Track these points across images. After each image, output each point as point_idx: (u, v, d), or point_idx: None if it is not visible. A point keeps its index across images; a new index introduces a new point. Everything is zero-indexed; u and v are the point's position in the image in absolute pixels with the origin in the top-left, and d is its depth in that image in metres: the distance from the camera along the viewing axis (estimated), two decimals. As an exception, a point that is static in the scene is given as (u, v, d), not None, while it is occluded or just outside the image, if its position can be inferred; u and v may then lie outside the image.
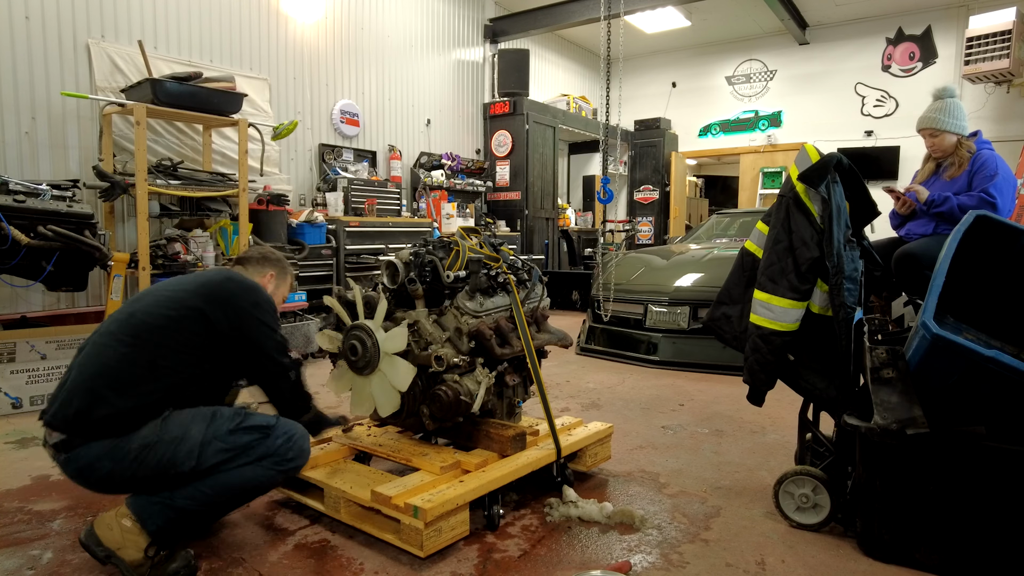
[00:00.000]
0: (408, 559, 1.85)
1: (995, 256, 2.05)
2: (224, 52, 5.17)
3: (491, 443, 2.17)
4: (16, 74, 4.02)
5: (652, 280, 4.85)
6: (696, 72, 9.87)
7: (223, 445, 1.70)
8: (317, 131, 6.00)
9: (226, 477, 1.71)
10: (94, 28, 4.37)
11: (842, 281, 1.98)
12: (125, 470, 1.62)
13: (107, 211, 4.27)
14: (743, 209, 8.10)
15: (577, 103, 8.81)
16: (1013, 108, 7.54)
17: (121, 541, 1.65)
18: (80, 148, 4.30)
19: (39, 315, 3.95)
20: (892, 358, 1.83)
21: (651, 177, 9.76)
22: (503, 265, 2.27)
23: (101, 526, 1.68)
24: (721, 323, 2.28)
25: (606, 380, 4.12)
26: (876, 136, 8.44)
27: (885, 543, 1.84)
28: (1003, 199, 3.14)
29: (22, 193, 3.16)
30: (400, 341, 2.06)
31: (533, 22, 7.87)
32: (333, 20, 6.09)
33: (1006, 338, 2.08)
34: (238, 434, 1.73)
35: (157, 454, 1.63)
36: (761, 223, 2.23)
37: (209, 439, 1.68)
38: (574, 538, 2.00)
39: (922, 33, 8.11)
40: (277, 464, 1.78)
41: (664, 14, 7.79)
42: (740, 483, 2.44)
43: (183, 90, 4.08)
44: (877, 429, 1.76)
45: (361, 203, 5.71)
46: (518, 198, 7.74)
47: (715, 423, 3.20)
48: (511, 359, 2.22)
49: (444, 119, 7.52)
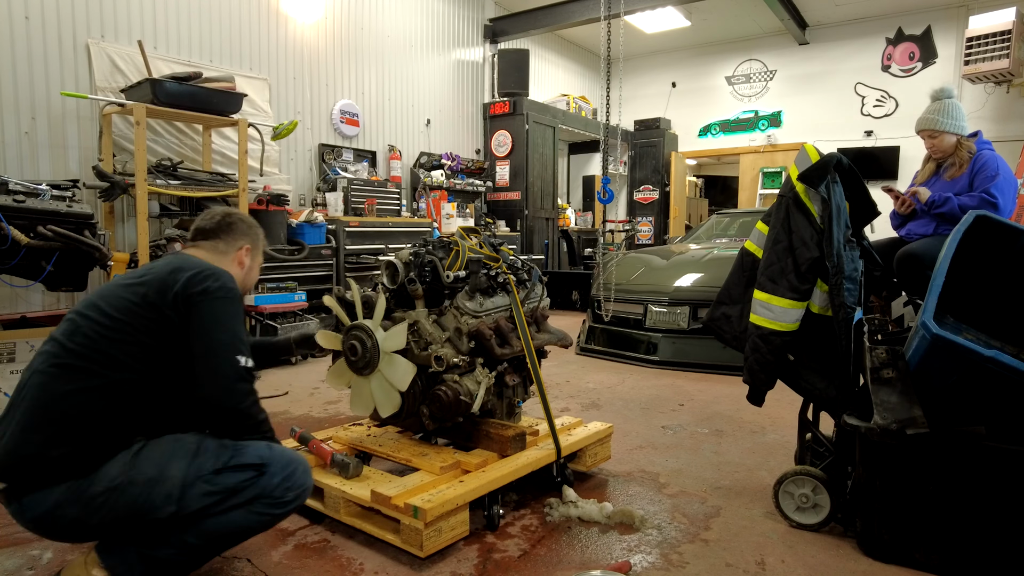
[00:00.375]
0: (408, 559, 1.85)
1: (995, 256, 2.05)
2: (224, 52, 5.17)
3: (491, 443, 2.17)
4: (16, 74, 4.02)
5: (652, 280, 4.85)
6: (696, 72, 9.87)
7: (209, 488, 1.44)
8: (317, 131, 6.01)
9: (214, 523, 1.47)
10: (94, 28, 4.37)
11: (842, 281, 1.98)
12: (91, 516, 1.38)
13: (107, 211, 4.28)
14: (743, 209, 8.11)
15: (577, 103, 8.81)
16: (1013, 108, 7.54)
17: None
18: (80, 148, 4.30)
19: (39, 315, 3.94)
20: (892, 358, 1.83)
21: (651, 177, 9.76)
22: (503, 265, 2.27)
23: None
24: (721, 323, 2.28)
25: (606, 380, 4.12)
26: (876, 136, 8.44)
27: (885, 543, 1.84)
28: (1004, 199, 3.15)
29: (22, 193, 3.16)
30: (399, 339, 2.05)
31: (533, 22, 7.87)
32: (333, 20, 6.10)
33: (1006, 338, 2.08)
34: (226, 474, 1.46)
35: (128, 497, 1.38)
36: (761, 223, 2.23)
37: (192, 480, 1.43)
38: (574, 538, 2.00)
39: (922, 33, 8.12)
40: (273, 507, 1.52)
41: (664, 14, 7.79)
42: (740, 483, 2.44)
43: (183, 90, 4.09)
44: (877, 429, 1.76)
45: (361, 203, 5.71)
46: (518, 198, 7.74)
47: (715, 423, 3.20)
48: (511, 359, 2.22)
49: (444, 119, 7.52)
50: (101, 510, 1.38)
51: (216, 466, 1.47)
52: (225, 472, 1.47)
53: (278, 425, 2.96)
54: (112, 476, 1.39)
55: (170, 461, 1.44)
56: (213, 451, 1.49)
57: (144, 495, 1.39)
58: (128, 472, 1.40)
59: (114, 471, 1.39)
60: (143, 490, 1.39)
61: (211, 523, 1.47)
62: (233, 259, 1.77)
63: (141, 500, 1.39)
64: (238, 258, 1.79)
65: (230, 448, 1.51)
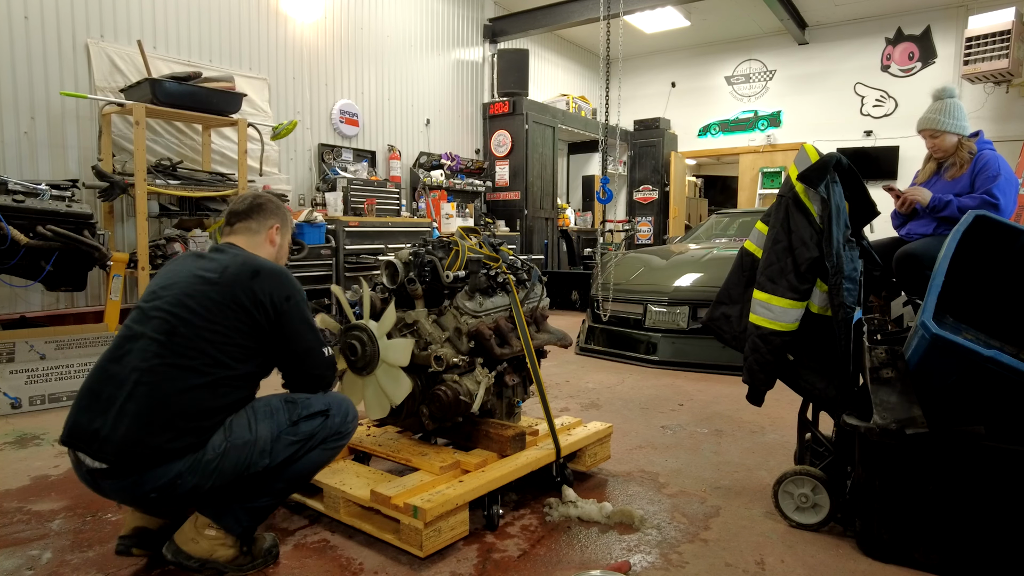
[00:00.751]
0: (408, 559, 1.85)
1: (994, 256, 2.05)
2: (223, 52, 5.17)
3: (490, 443, 2.17)
4: (15, 74, 4.02)
5: (651, 280, 4.85)
6: (695, 72, 9.88)
7: (292, 438, 1.71)
8: (316, 131, 6.01)
9: (298, 467, 1.74)
10: (93, 28, 4.37)
11: (841, 281, 1.98)
12: (206, 481, 1.61)
13: (106, 211, 4.28)
14: (742, 209, 8.11)
15: (576, 103, 8.81)
16: (1012, 108, 7.54)
17: (210, 549, 1.69)
18: (79, 148, 4.30)
19: (38, 315, 3.95)
20: (891, 358, 1.83)
21: (650, 177, 9.76)
22: (502, 265, 2.28)
23: (185, 541, 1.69)
24: (720, 323, 2.28)
25: (605, 380, 4.12)
26: (875, 136, 8.45)
27: (884, 543, 1.84)
28: (1006, 199, 3.15)
29: (21, 193, 3.16)
30: (403, 355, 2.04)
31: (533, 22, 7.87)
32: (332, 20, 6.10)
33: (1005, 338, 2.08)
34: (302, 424, 1.74)
35: (232, 459, 1.62)
36: (760, 223, 2.23)
37: (277, 434, 1.69)
38: (573, 538, 2.00)
39: (921, 33, 8.12)
40: (338, 440, 1.82)
41: (663, 14, 7.79)
42: (739, 483, 2.44)
43: (182, 90, 4.09)
44: (876, 429, 1.76)
45: (360, 203, 5.71)
46: (517, 198, 7.74)
47: (714, 423, 3.20)
48: (510, 359, 2.22)
49: (443, 119, 7.52)
50: (213, 475, 1.60)
51: (293, 418, 1.73)
52: (301, 422, 1.73)
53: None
54: (217, 445, 1.61)
55: (258, 424, 1.67)
56: (284, 408, 1.74)
57: (245, 454, 1.63)
58: (228, 439, 1.62)
59: (217, 440, 1.62)
60: (243, 451, 1.63)
61: (296, 467, 1.74)
62: (265, 238, 1.93)
63: (243, 459, 1.63)
64: (269, 236, 1.94)
65: (298, 402, 1.77)
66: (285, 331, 1.73)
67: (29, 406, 3.35)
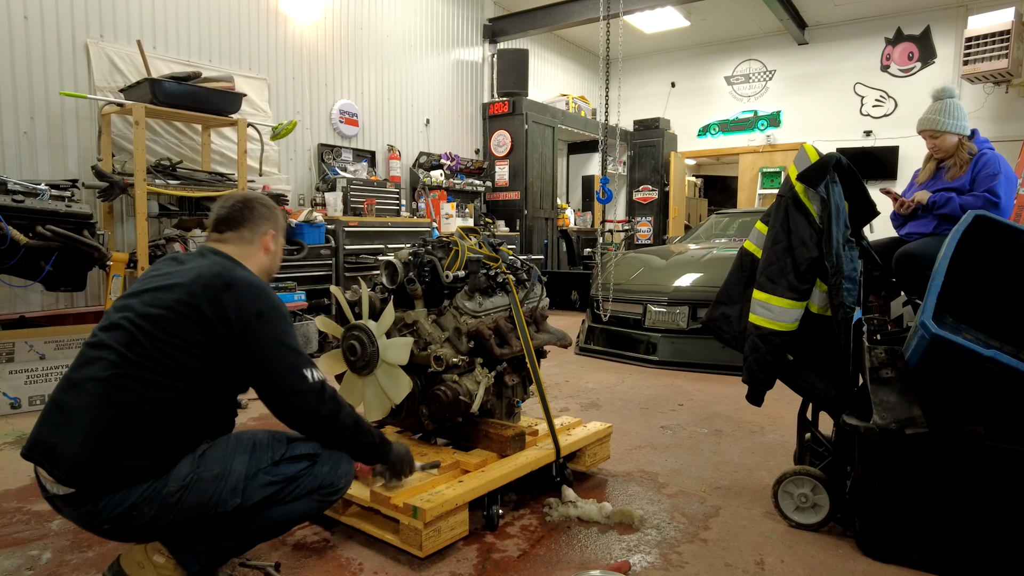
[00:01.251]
0: (407, 559, 1.85)
1: (994, 256, 2.05)
2: (223, 52, 5.17)
3: (490, 443, 2.17)
4: (15, 74, 4.01)
5: (651, 280, 4.85)
6: (695, 72, 9.87)
7: (270, 478, 1.52)
8: (316, 131, 6.00)
9: (277, 513, 1.55)
10: (93, 28, 4.36)
11: (841, 281, 1.98)
12: (166, 514, 1.44)
13: (106, 211, 4.27)
14: (742, 209, 8.11)
15: (576, 103, 8.81)
16: (1012, 108, 7.54)
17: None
18: (79, 148, 4.29)
19: (38, 315, 3.94)
20: (891, 358, 1.83)
21: (650, 177, 9.76)
22: (502, 265, 2.27)
23: (130, 564, 1.52)
24: (720, 323, 2.28)
25: (605, 380, 4.12)
26: (875, 136, 8.45)
27: (884, 543, 1.84)
28: (1006, 197, 3.17)
29: (21, 193, 3.16)
30: (403, 354, 2.03)
31: (532, 22, 7.87)
32: (332, 20, 6.09)
33: (1005, 338, 2.08)
34: (284, 465, 1.55)
35: (198, 493, 1.45)
36: (760, 223, 2.23)
37: (253, 472, 1.50)
38: (573, 538, 2.00)
39: (921, 33, 8.12)
40: (325, 496, 1.61)
41: (663, 14, 7.79)
42: (739, 483, 2.44)
43: (182, 90, 4.08)
44: (876, 429, 1.76)
45: (360, 203, 5.70)
46: (517, 198, 7.74)
47: (714, 423, 3.20)
48: (510, 359, 2.22)
49: (443, 119, 7.52)
50: (174, 508, 1.44)
51: (274, 458, 1.54)
52: (283, 463, 1.55)
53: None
54: (183, 475, 1.45)
55: (233, 457, 1.50)
56: (268, 444, 1.56)
57: (212, 490, 1.46)
58: (196, 470, 1.46)
59: (184, 470, 1.45)
60: (211, 486, 1.46)
61: (271, 513, 1.54)
62: (259, 246, 1.75)
63: (210, 495, 1.46)
64: (264, 244, 1.76)
65: (284, 440, 1.59)
66: (253, 351, 1.51)
67: (29, 406, 3.35)
